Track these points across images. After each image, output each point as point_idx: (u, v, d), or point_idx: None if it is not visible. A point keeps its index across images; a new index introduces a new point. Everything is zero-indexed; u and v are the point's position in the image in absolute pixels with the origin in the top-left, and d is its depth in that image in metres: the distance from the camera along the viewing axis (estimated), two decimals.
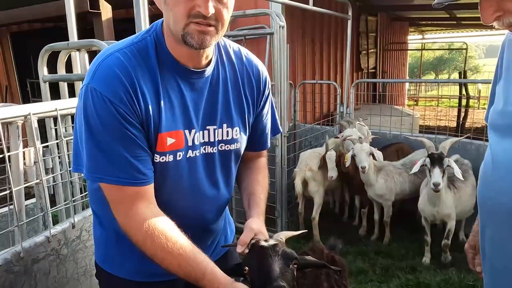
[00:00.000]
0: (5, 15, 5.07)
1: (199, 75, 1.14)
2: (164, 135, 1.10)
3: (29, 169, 1.65)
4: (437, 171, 3.06)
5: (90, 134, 1.03)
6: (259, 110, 1.33)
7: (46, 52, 2.33)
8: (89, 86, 1.03)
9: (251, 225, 1.22)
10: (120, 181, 1.05)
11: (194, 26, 1.02)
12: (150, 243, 1.07)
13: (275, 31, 3.47)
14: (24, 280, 1.48)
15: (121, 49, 1.07)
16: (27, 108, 1.47)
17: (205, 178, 1.23)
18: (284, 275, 1.06)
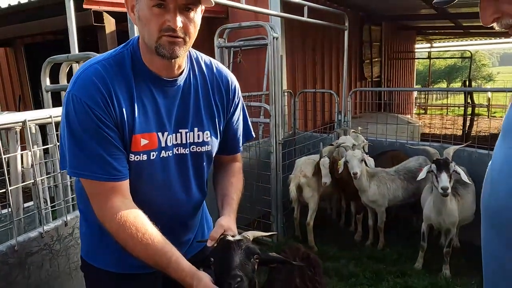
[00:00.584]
0: (19, 28, 5.35)
1: (172, 84, 1.28)
2: (138, 136, 1.23)
3: (27, 171, 1.80)
4: (444, 176, 3.08)
5: (71, 135, 1.16)
6: (230, 116, 1.46)
7: (49, 64, 2.52)
8: (70, 93, 1.17)
9: (221, 222, 1.33)
10: (97, 176, 1.18)
11: (165, 38, 1.16)
12: (122, 232, 1.19)
13: (269, 42, 3.61)
14: (18, 272, 1.63)
15: (100, 61, 1.22)
16: (24, 115, 1.64)
17: (178, 177, 1.36)
18: (244, 267, 1.17)
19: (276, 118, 3.79)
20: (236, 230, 1.35)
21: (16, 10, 4.88)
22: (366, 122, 5.17)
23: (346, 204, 4.63)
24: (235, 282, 1.10)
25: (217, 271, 1.20)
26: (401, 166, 4.11)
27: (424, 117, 14.63)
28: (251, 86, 5.20)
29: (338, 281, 3.35)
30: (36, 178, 1.68)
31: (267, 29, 3.58)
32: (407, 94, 12.78)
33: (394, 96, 11.02)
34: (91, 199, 1.24)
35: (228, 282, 1.11)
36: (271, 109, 3.71)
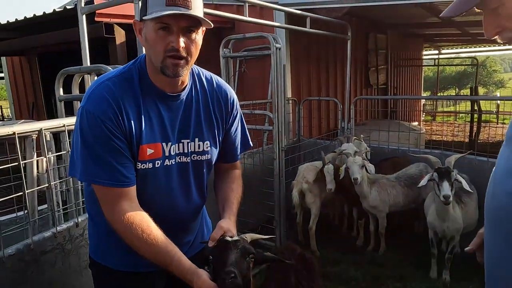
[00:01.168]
0: (33, 39, 5.58)
1: (175, 99, 1.40)
2: (145, 146, 1.35)
3: (41, 175, 1.95)
4: (446, 184, 3.11)
5: (84, 145, 1.29)
6: (228, 127, 1.57)
7: (62, 75, 2.68)
8: (84, 108, 1.30)
9: (221, 224, 1.42)
10: (107, 183, 1.30)
11: (170, 60, 1.28)
12: (129, 233, 1.31)
13: (272, 53, 3.75)
14: (33, 268, 1.77)
15: (111, 78, 1.35)
16: (40, 124, 1.79)
17: (180, 183, 1.48)
18: (239, 265, 1.25)
19: (279, 126, 3.91)
20: (236, 232, 1.45)
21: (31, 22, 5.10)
22: (369, 129, 5.26)
23: (348, 210, 4.72)
24: (229, 277, 1.19)
25: (215, 268, 1.30)
26: (401, 172, 4.19)
27: (432, 124, 14.59)
28: (256, 94, 5.34)
29: (338, 285, 3.43)
30: (50, 182, 1.82)
31: (270, 40, 3.72)
32: (414, 101, 12.77)
33: (401, 103, 11.07)
34: (101, 203, 1.36)
35: (222, 277, 1.20)
36: (274, 117, 3.83)
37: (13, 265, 1.66)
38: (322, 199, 4.24)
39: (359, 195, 4.04)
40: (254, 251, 1.34)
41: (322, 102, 6.51)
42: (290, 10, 4.51)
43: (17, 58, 9.60)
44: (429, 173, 3.35)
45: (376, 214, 4.10)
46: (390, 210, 4.08)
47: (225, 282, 1.19)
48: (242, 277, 1.23)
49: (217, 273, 1.26)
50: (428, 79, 30.85)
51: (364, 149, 4.53)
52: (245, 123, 1.70)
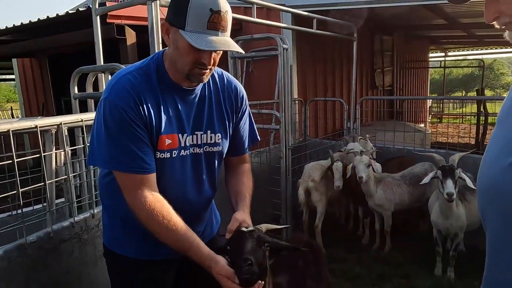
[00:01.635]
0: (45, 41, 5.71)
1: (190, 93, 1.48)
2: (164, 136, 1.42)
3: (60, 168, 2.04)
4: (449, 182, 3.16)
5: (108, 134, 1.35)
6: (238, 120, 1.65)
7: (77, 74, 2.78)
8: (107, 99, 1.36)
9: (236, 216, 1.50)
10: (130, 169, 1.36)
11: (198, 70, 1.37)
12: (151, 220, 1.36)
13: (279, 53, 3.83)
14: (53, 256, 1.85)
15: (131, 72, 1.41)
16: (60, 119, 1.88)
17: (193, 173, 1.55)
18: (255, 253, 1.30)
19: (286, 125, 3.98)
20: (251, 222, 1.51)
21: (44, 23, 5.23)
22: (374, 130, 5.32)
23: (354, 209, 4.77)
24: (245, 264, 1.24)
25: (232, 257, 1.35)
26: (407, 171, 4.24)
27: (439, 126, 14.56)
28: (263, 94, 5.42)
29: (344, 282, 3.48)
30: (69, 173, 1.91)
31: (277, 40, 3.80)
32: (420, 103, 12.78)
33: (407, 105, 11.09)
34: (123, 190, 1.40)
35: (239, 265, 1.25)
36: (281, 116, 3.90)
37: (34, 252, 1.75)
38: (328, 197, 4.30)
39: (365, 194, 4.09)
40: (270, 240, 1.39)
41: (328, 103, 6.58)
42: (296, 12, 4.60)
43: (28, 59, 9.78)
44: (433, 171, 3.40)
45: (381, 212, 4.15)
46: (395, 209, 4.12)
47: (242, 269, 1.24)
48: (258, 265, 1.28)
49: (234, 261, 1.31)
50: (435, 82, 30.72)
51: (370, 148, 4.58)
52: None
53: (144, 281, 1.58)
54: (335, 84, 7.16)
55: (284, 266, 1.89)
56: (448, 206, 3.31)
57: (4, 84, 28.66)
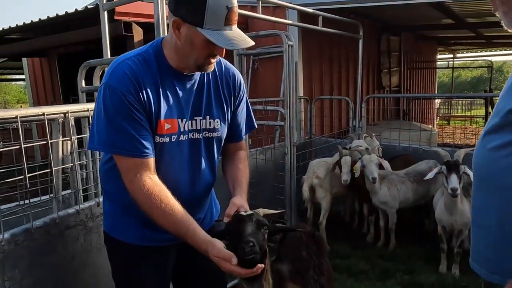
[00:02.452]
0: (55, 39, 5.80)
1: (190, 79, 1.50)
2: (163, 121, 1.44)
3: (66, 157, 2.08)
4: (454, 177, 3.17)
5: (107, 118, 1.37)
6: (236, 107, 1.67)
7: (84, 68, 2.83)
8: (107, 84, 1.38)
9: (234, 201, 1.52)
10: (129, 153, 1.39)
11: (209, 60, 1.43)
12: (148, 203, 1.39)
13: (285, 50, 3.84)
14: (58, 242, 1.89)
15: (130, 57, 1.44)
16: (66, 107, 1.92)
17: (192, 158, 1.56)
18: (255, 235, 1.32)
19: (291, 121, 3.98)
20: (248, 207, 1.53)
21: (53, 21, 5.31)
22: (380, 128, 5.31)
23: (359, 207, 4.77)
24: (248, 246, 1.26)
25: (232, 240, 1.36)
26: (411, 168, 4.23)
27: (447, 128, 14.46)
28: (269, 91, 5.45)
29: (347, 277, 3.49)
30: (75, 162, 1.95)
31: (283, 37, 3.81)
32: (428, 104, 12.72)
33: (414, 106, 11.04)
34: (122, 174, 1.43)
35: (242, 246, 1.27)
36: (285, 113, 3.91)
37: (40, 237, 1.79)
38: (332, 194, 4.30)
39: (370, 191, 4.09)
40: (268, 223, 1.41)
41: (333, 101, 6.58)
42: (302, 9, 4.61)
43: (38, 59, 9.92)
44: (437, 167, 3.39)
45: (386, 210, 4.14)
46: (400, 206, 4.12)
47: (245, 251, 1.26)
48: (259, 246, 1.31)
49: (235, 244, 1.32)
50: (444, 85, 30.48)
51: (376, 146, 4.58)
52: (258, 119, 1.79)
53: (144, 267, 1.60)
54: (341, 83, 7.16)
55: (288, 256, 1.91)
56: (453, 202, 3.30)
57: (14, 85, 29.07)
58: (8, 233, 1.65)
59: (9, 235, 1.66)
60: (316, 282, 1.93)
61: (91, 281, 2.07)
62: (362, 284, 3.31)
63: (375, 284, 3.30)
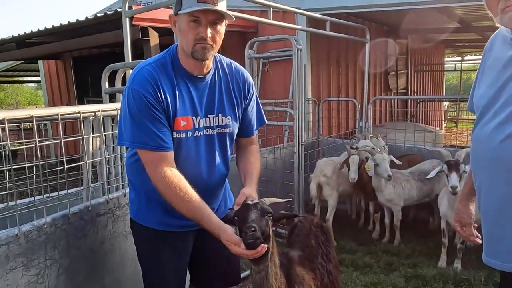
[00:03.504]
0: (73, 42, 6.07)
1: (202, 80, 1.68)
2: (179, 118, 1.63)
3: (95, 152, 2.29)
4: (454, 176, 3.30)
5: (131, 117, 1.57)
6: (246, 105, 1.83)
7: (108, 70, 3.05)
8: (130, 87, 1.59)
9: (244, 191, 1.67)
10: (150, 147, 1.57)
11: (199, 45, 1.56)
12: (169, 192, 1.57)
13: (294, 54, 4.04)
14: (90, 227, 2.10)
15: (150, 63, 1.64)
16: (98, 107, 2.13)
17: (207, 153, 1.73)
18: (259, 222, 1.46)
19: (299, 122, 4.18)
20: (256, 196, 1.66)
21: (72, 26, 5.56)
22: (386, 130, 5.47)
23: (365, 205, 4.93)
24: (250, 230, 1.41)
25: (239, 225, 1.51)
26: (415, 168, 4.39)
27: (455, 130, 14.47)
28: (279, 93, 5.64)
29: (353, 270, 3.64)
30: (104, 156, 2.16)
31: (292, 42, 4.01)
32: (435, 106, 12.78)
33: (421, 107, 11.13)
34: (146, 166, 1.61)
35: (244, 231, 1.42)
36: (294, 113, 4.11)
37: (75, 221, 1.99)
38: (339, 192, 4.47)
39: (376, 189, 4.25)
40: (271, 211, 1.55)
41: (341, 103, 6.76)
42: (311, 14, 4.81)
43: (53, 62, 10.24)
44: (439, 166, 3.55)
45: (391, 207, 4.30)
46: (405, 204, 4.27)
47: (247, 235, 1.41)
48: (261, 232, 1.45)
49: (240, 229, 1.48)
50: (453, 87, 30.34)
51: (382, 145, 4.74)
52: (267, 120, 1.97)
53: (164, 249, 1.78)
54: (348, 85, 7.34)
55: (299, 244, 2.09)
56: (456, 199, 3.43)
57: (26, 87, 29.59)
58: (50, 217, 1.86)
59: (51, 219, 1.87)
60: (323, 268, 2.08)
61: (117, 264, 2.27)
62: (367, 277, 3.47)
63: (380, 276, 3.45)
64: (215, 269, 1.91)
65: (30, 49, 6.95)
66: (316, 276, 1.98)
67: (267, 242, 1.51)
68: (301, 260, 1.98)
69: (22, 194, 3.23)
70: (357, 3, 5.55)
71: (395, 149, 5.10)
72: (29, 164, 2.03)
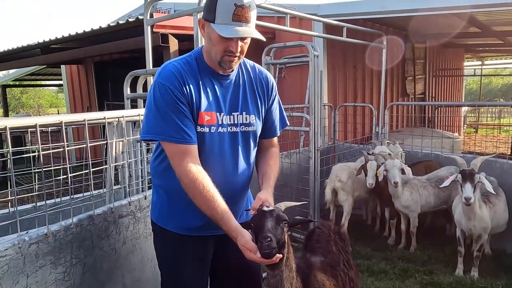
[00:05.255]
0: (95, 48, 6.26)
1: (226, 78, 1.73)
2: (203, 113, 1.66)
3: (118, 156, 2.38)
4: (468, 186, 3.25)
5: (157, 110, 1.61)
6: (269, 105, 1.87)
7: (130, 77, 3.16)
8: (157, 81, 1.64)
9: (260, 196, 1.70)
10: (175, 140, 1.60)
11: (227, 57, 1.63)
12: (192, 188, 1.59)
13: (310, 60, 4.08)
14: (113, 228, 2.19)
15: (176, 60, 1.72)
16: (121, 113, 2.22)
17: (230, 150, 1.75)
18: (274, 230, 1.51)
19: (315, 127, 4.21)
20: (273, 201, 1.70)
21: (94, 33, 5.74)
22: (402, 135, 5.45)
23: (381, 211, 4.92)
24: (266, 241, 1.45)
25: (255, 233, 1.55)
26: (432, 174, 4.37)
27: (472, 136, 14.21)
28: (295, 99, 5.69)
29: (368, 276, 3.65)
30: (127, 160, 2.25)
31: (309, 48, 4.06)
32: (454, 111, 12.60)
33: (440, 113, 10.99)
34: (170, 160, 1.64)
35: (261, 241, 1.47)
36: (310, 118, 4.15)
37: (99, 222, 2.09)
38: (354, 197, 4.48)
39: (392, 195, 4.24)
40: (287, 218, 1.58)
41: (357, 108, 6.76)
42: (327, 21, 4.85)
43: (75, 66, 10.53)
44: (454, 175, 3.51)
45: (408, 213, 4.28)
46: (421, 210, 4.25)
47: (263, 245, 1.46)
48: (277, 240, 1.49)
49: (257, 237, 1.52)
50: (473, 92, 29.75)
51: (399, 152, 4.73)
52: None
53: (185, 253, 1.80)
54: (365, 90, 7.33)
55: (320, 250, 2.12)
56: (470, 208, 3.39)
57: (47, 90, 30.36)
58: (76, 218, 1.96)
59: (77, 219, 1.96)
60: (346, 275, 2.10)
61: (138, 264, 2.36)
62: (382, 283, 3.48)
63: (395, 282, 3.45)
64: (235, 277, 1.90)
65: (54, 54, 7.18)
66: (338, 283, 2.00)
67: (283, 249, 1.54)
68: (323, 266, 1.99)
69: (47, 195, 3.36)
70: (374, 9, 5.56)
71: (412, 155, 5.08)
72: (56, 166, 2.12)
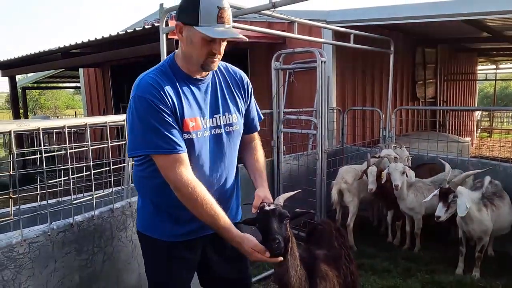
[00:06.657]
0: (112, 53, 6.54)
1: (202, 82, 1.73)
2: (187, 120, 1.65)
3: None
4: (440, 205, 3.50)
5: (141, 124, 1.57)
6: (248, 103, 1.91)
7: None
8: (135, 95, 1.60)
9: (258, 193, 1.76)
10: (165, 151, 1.58)
11: (210, 59, 1.64)
12: (186, 195, 1.59)
13: (318, 66, 4.24)
14: (130, 221, 2.38)
15: (152, 71, 1.68)
16: (123, 117, 2.41)
17: (217, 151, 1.77)
18: (279, 229, 1.57)
19: (322, 130, 4.36)
20: (270, 196, 1.76)
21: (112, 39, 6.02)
22: (409, 139, 5.56)
23: (387, 213, 5.03)
24: (275, 243, 1.51)
25: (262, 234, 1.60)
26: (437, 177, 4.47)
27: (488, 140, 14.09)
28: (304, 103, 5.84)
29: (371, 274, 3.78)
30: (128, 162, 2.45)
31: (316, 54, 4.21)
32: (466, 115, 12.55)
33: (451, 117, 10.99)
34: (164, 172, 1.60)
35: (269, 243, 1.53)
36: (318, 122, 4.30)
37: (118, 215, 2.29)
38: (359, 199, 4.62)
39: (397, 198, 4.36)
40: (288, 214, 1.64)
41: (366, 112, 6.88)
42: (335, 28, 5.00)
43: (93, 69, 10.89)
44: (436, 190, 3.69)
45: (413, 215, 4.40)
46: (426, 212, 4.36)
47: (272, 247, 1.53)
48: (283, 238, 1.57)
49: (264, 239, 1.58)
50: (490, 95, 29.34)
51: (405, 155, 4.85)
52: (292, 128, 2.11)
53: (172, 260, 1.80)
54: (373, 95, 7.45)
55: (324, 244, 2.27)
56: (467, 213, 3.48)
57: (64, 92, 31.10)
58: (98, 210, 2.16)
59: (98, 212, 2.17)
60: (347, 268, 2.25)
61: None
62: (384, 280, 3.60)
63: (397, 281, 3.58)
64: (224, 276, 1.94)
65: (73, 59, 7.50)
66: (340, 275, 2.13)
67: (287, 244, 1.63)
68: (326, 258, 2.12)
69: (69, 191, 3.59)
70: (382, 16, 5.69)
71: (418, 158, 5.19)
72: (79, 164, 2.33)
